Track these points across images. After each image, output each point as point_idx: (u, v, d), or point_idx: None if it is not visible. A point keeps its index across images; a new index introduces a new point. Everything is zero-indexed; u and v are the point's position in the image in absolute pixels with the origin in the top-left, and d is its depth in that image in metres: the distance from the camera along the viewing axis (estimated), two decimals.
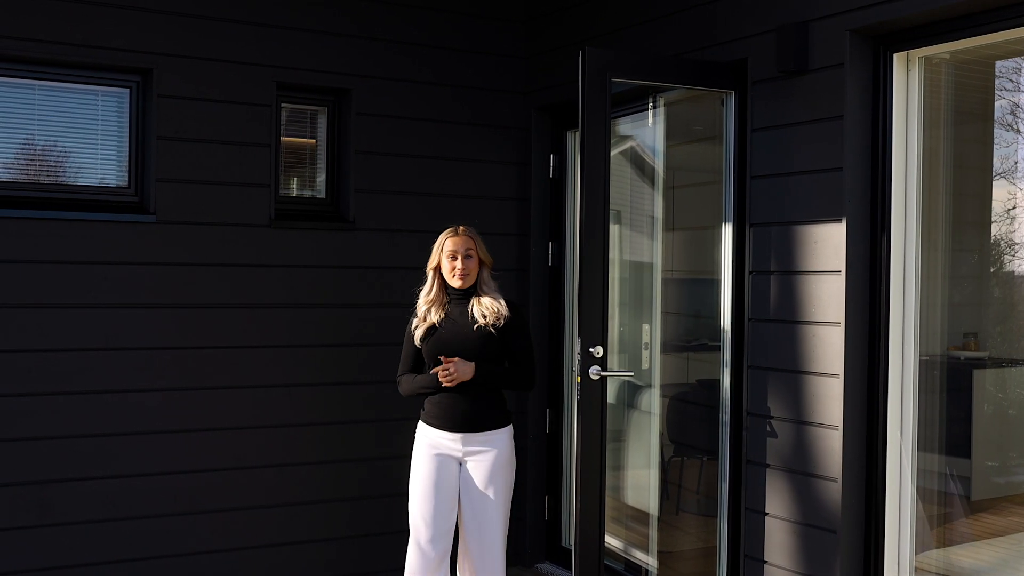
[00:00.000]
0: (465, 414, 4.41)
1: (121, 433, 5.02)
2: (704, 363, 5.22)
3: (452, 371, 4.34)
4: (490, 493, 4.42)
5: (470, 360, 4.38)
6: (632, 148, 5.50)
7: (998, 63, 4.49)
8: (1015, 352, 4.59)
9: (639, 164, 5.52)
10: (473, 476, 4.43)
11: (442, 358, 4.38)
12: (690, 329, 5.42)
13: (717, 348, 4.80)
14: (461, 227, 4.56)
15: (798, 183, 4.32)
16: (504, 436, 4.47)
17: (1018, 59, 4.35)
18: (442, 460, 4.44)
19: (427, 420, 4.50)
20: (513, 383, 4.52)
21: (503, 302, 4.48)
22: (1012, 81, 4.49)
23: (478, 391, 4.41)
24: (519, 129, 5.96)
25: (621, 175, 5.40)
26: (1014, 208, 4.47)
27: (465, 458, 4.44)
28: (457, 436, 4.42)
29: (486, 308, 4.44)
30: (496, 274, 4.61)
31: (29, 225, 4.84)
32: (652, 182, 5.45)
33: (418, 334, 4.48)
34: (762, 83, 4.48)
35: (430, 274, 4.54)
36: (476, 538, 4.43)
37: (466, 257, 4.49)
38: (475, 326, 4.41)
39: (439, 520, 4.41)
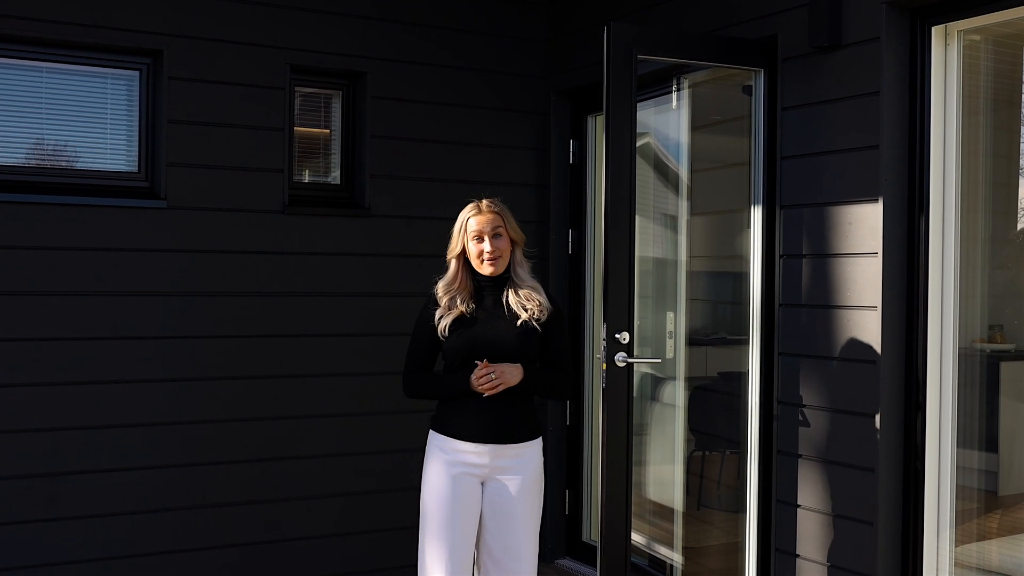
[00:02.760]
0: (495, 423, 3.72)
1: (131, 424, 4.90)
2: (725, 356, 5.09)
3: (496, 377, 3.68)
4: (521, 520, 3.75)
5: (511, 360, 3.72)
6: (652, 137, 5.35)
7: None
8: None
9: (661, 152, 5.37)
10: (501, 499, 3.75)
11: (481, 363, 3.70)
12: (714, 319, 5.28)
13: (736, 341, 4.66)
14: (485, 201, 3.82)
15: (831, 162, 4.17)
16: (536, 450, 3.82)
17: None
18: (463, 480, 3.73)
19: (444, 429, 3.79)
20: (556, 391, 3.88)
21: (543, 292, 3.83)
22: None
23: (512, 396, 3.73)
24: (538, 114, 5.82)
25: (642, 166, 5.24)
26: None
27: (491, 476, 3.76)
28: (484, 449, 3.73)
29: (527, 299, 3.77)
30: (529, 252, 3.92)
31: (36, 210, 4.71)
32: (676, 167, 5.31)
33: (444, 324, 3.74)
34: (793, 60, 4.33)
35: (452, 263, 3.81)
36: (503, 572, 3.77)
37: (495, 237, 3.76)
38: (517, 320, 3.74)
39: (459, 554, 3.71)
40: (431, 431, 3.85)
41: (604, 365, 4.19)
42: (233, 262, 5.08)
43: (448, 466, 3.75)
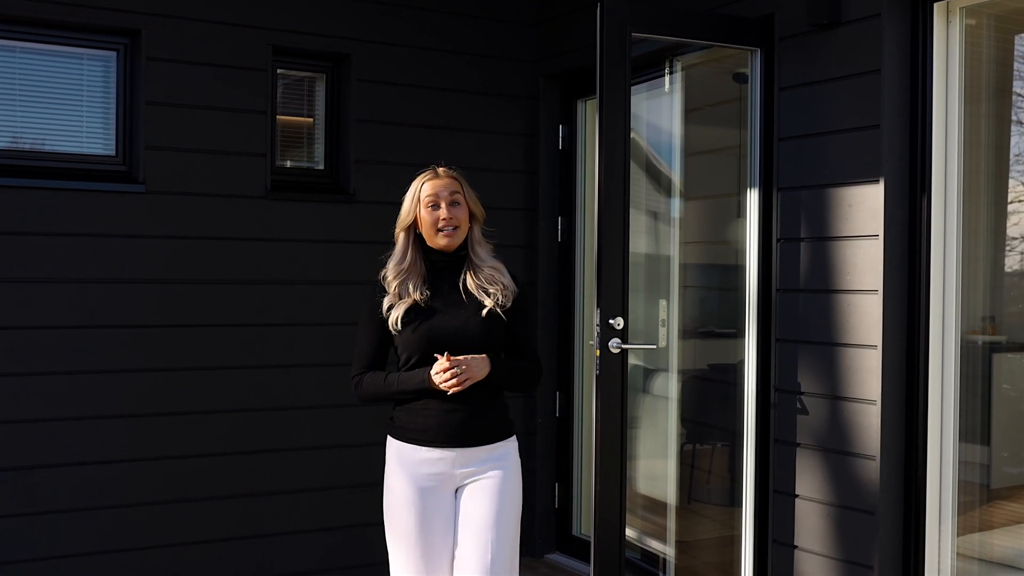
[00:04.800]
0: (464, 423, 3.35)
1: (110, 416, 4.75)
2: (719, 344, 4.98)
3: (463, 373, 3.28)
4: (499, 529, 3.35)
5: (475, 353, 3.34)
6: (642, 131, 5.23)
7: (1017, 37, 4.24)
8: None
9: (651, 147, 5.26)
10: (475, 506, 3.36)
11: (441, 356, 3.28)
12: (708, 306, 5.17)
13: (731, 329, 4.55)
14: (440, 167, 3.49)
15: (831, 143, 4.07)
16: (512, 450, 3.46)
17: None
18: (432, 493, 3.36)
19: (403, 435, 3.41)
20: (523, 383, 3.53)
21: (507, 273, 3.47)
22: None
23: (479, 390, 3.36)
24: (527, 98, 5.69)
25: (634, 156, 5.13)
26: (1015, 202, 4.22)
27: (461, 483, 3.39)
28: (451, 453, 3.35)
29: (489, 281, 3.40)
30: (489, 231, 3.55)
31: (10, 194, 4.56)
32: (667, 155, 5.20)
33: (395, 316, 3.35)
34: (791, 39, 4.22)
35: (400, 236, 3.46)
36: None
37: (452, 204, 3.40)
38: (480, 307, 3.37)
39: None
40: (388, 439, 3.46)
41: (598, 352, 4.07)
42: (214, 248, 4.94)
43: (412, 479, 3.36)
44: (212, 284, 4.94)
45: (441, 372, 3.28)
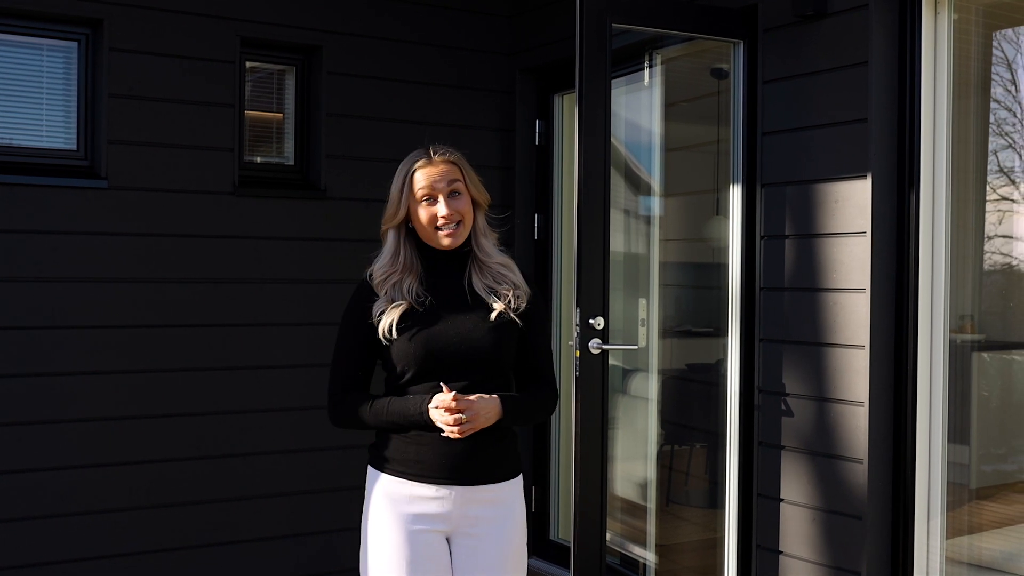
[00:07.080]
0: (464, 456, 2.82)
1: (72, 420, 4.59)
2: (701, 344, 4.88)
3: (470, 419, 2.75)
4: None
5: (482, 366, 2.83)
6: (620, 131, 5.11)
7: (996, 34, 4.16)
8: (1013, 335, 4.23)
9: (630, 152, 5.15)
10: (475, 563, 2.86)
11: (446, 388, 2.77)
12: (689, 306, 5.07)
13: (713, 328, 4.45)
14: (434, 149, 2.90)
15: (816, 137, 3.97)
16: (517, 492, 2.98)
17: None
18: (423, 539, 2.82)
19: (391, 467, 2.87)
20: (540, 415, 3.01)
21: (518, 271, 2.95)
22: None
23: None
24: (503, 92, 5.57)
25: (612, 152, 5.01)
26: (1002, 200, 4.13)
27: (458, 529, 2.86)
28: (449, 492, 2.83)
29: (497, 281, 2.89)
30: (496, 218, 3.02)
31: None
32: (647, 152, 5.09)
33: (388, 323, 2.80)
34: (775, 30, 4.12)
35: (389, 235, 2.90)
36: None
37: (452, 195, 2.85)
38: (489, 312, 2.84)
39: None
40: (370, 469, 2.93)
41: (577, 352, 3.95)
42: (180, 246, 4.79)
43: (401, 520, 2.83)
44: (177, 283, 4.79)
45: (443, 409, 2.74)
